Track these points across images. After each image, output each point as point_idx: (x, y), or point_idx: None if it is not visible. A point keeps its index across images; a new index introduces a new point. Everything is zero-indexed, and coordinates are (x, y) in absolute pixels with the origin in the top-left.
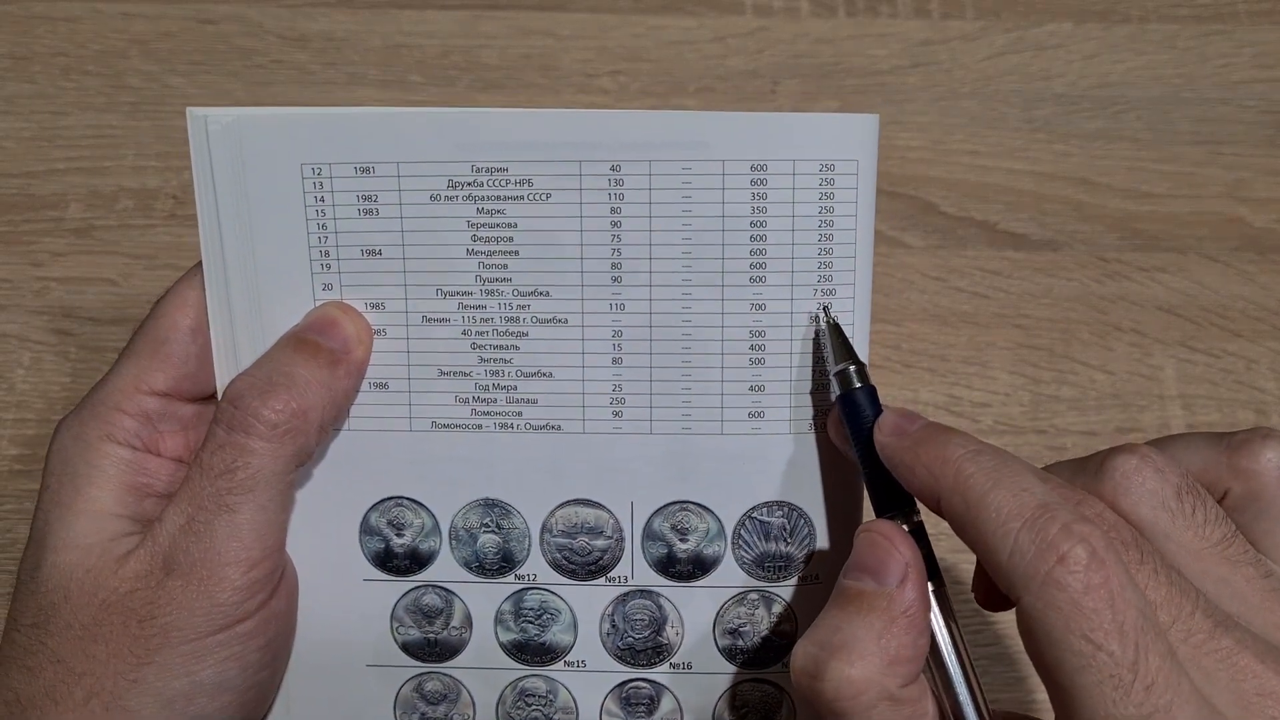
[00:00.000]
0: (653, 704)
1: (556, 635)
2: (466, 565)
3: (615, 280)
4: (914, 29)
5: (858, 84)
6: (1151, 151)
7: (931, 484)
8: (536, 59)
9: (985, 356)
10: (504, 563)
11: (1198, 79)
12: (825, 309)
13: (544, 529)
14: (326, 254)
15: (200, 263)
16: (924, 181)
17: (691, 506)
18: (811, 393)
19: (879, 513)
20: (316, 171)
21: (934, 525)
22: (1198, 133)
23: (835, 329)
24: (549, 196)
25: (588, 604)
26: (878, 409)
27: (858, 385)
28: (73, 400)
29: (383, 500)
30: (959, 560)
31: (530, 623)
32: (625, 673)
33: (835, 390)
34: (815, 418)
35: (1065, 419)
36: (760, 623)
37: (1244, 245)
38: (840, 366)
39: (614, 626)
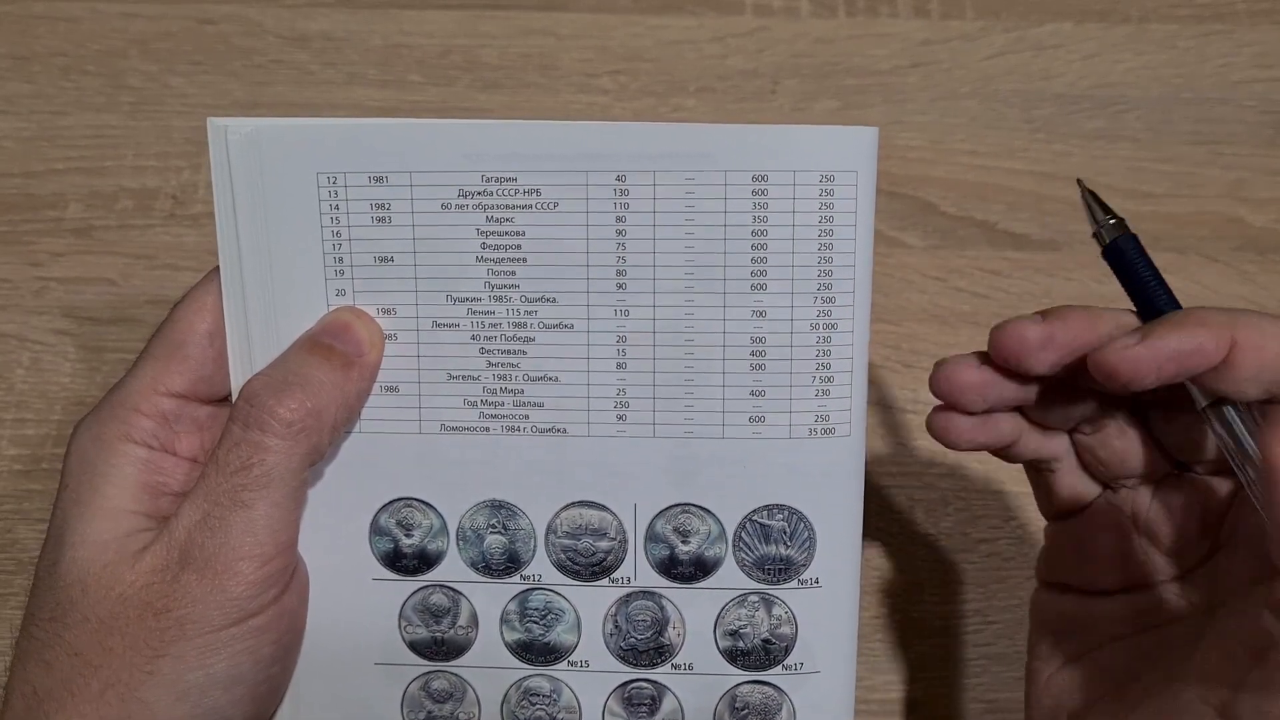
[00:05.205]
0: (654, 704)
1: (561, 635)
2: (473, 565)
3: (620, 287)
4: (914, 29)
5: (858, 84)
6: (1151, 151)
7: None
8: (536, 59)
9: None
10: (510, 563)
11: (1198, 79)
12: (1079, 181)
13: (549, 530)
14: (340, 260)
15: (217, 268)
16: (924, 181)
17: (693, 509)
18: (814, 397)
19: None
20: (332, 180)
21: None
22: (1198, 133)
23: (1090, 194)
24: (556, 205)
25: (591, 605)
26: (1142, 254)
27: (1117, 235)
28: (72, 400)
29: (392, 501)
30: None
31: (535, 623)
32: (627, 673)
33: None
34: (815, 422)
35: None
36: (760, 625)
37: (1244, 245)
38: (1103, 222)
39: (617, 627)
